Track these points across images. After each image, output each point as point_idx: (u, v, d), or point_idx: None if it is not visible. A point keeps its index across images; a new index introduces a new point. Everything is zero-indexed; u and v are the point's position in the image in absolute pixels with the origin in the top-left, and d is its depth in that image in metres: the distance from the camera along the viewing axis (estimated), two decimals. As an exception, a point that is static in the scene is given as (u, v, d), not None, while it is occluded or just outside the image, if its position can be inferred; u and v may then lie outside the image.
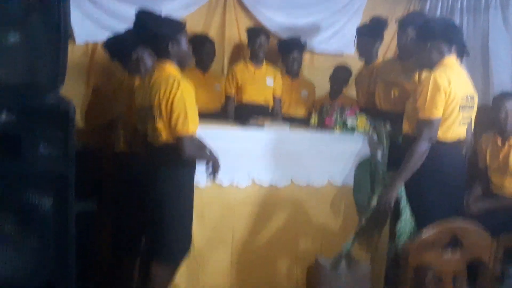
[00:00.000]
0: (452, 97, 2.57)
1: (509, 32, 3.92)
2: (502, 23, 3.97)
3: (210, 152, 2.50)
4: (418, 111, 2.62)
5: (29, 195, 1.82)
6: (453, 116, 2.62)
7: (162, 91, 2.23)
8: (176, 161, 2.29)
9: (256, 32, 3.80)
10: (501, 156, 3.24)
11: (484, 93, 3.88)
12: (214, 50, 3.77)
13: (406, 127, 2.79)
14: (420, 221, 2.62)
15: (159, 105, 2.24)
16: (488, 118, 3.32)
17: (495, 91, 3.88)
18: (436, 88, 2.53)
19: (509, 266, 3.41)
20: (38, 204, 1.82)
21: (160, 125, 2.27)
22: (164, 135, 2.28)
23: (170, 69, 2.33)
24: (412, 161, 2.60)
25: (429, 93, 2.54)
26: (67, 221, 1.89)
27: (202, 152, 2.48)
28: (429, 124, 2.58)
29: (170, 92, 2.21)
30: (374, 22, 3.62)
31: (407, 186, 2.69)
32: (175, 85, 2.22)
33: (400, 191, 2.70)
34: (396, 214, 2.73)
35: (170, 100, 2.21)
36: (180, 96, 2.21)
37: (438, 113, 2.57)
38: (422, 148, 2.59)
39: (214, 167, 2.48)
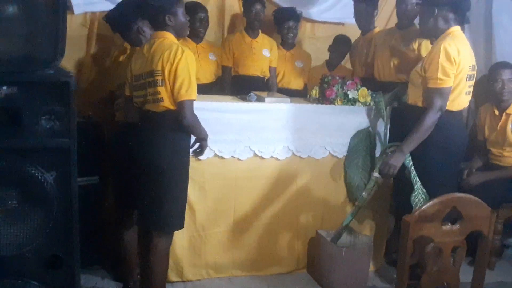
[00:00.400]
0: (461, 67, 2.57)
1: (513, -2, 3.87)
2: (506, -9, 3.91)
3: (205, 131, 2.49)
4: (427, 80, 2.61)
5: (32, 169, 1.82)
6: (460, 86, 2.63)
7: (165, 57, 2.24)
8: (175, 127, 2.31)
9: (252, 0, 3.72)
10: (498, 126, 3.25)
11: (486, 62, 3.86)
12: (207, 18, 3.64)
13: (412, 97, 2.78)
14: (426, 190, 2.65)
15: (163, 70, 2.25)
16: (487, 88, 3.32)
17: (498, 60, 3.86)
18: (448, 57, 2.53)
19: (508, 238, 3.46)
20: (41, 178, 1.82)
21: (162, 90, 2.28)
22: (165, 100, 2.29)
23: (171, 37, 2.35)
24: (422, 130, 2.61)
25: (440, 63, 2.54)
26: (71, 194, 1.90)
27: (199, 124, 2.46)
28: (440, 93, 2.58)
29: (175, 58, 2.23)
30: None
31: (414, 157, 2.70)
32: (179, 51, 2.24)
33: (408, 162, 2.71)
34: (406, 187, 2.73)
35: (174, 66, 2.23)
36: (185, 62, 2.24)
37: (449, 82, 2.57)
38: (433, 117, 2.59)
39: (202, 146, 2.50)
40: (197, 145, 2.50)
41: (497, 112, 3.26)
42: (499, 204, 3.02)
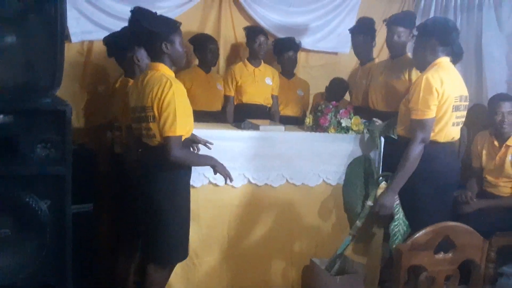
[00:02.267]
0: (445, 97, 2.58)
1: (502, 31, 3.95)
2: (495, 22, 4.00)
3: (209, 157, 2.48)
4: (411, 112, 2.63)
5: (27, 197, 1.83)
6: (446, 116, 2.63)
7: (155, 91, 2.20)
8: (170, 163, 2.27)
9: (256, 31, 3.82)
10: (497, 157, 3.26)
11: (477, 92, 3.92)
12: (218, 49, 3.79)
13: (400, 129, 2.81)
14: (414, 222, 2.64)
15: (152, 106, 2.22)
16: (481, 117, 3.35)
17: (489, 90, 3.92)
18: (429, 88, 2.55)
19: (502, 266, 3.45)
20: (36, 206, 1.83)
21: (154, 126, 2.25)
22: (157, 136, 2.26)
23: (164, 69, 2.31)
24: (407, 165, 2.61)
25: (421, 94, 2.55)
26: (64, 223, 1.90)
27: (195, 156, 2.46)
28: (422, 124, 2.60)
29: (162, 92, 2.19)
30: (361, 22, 3.66)
31: (402, 189, 2.69)
32: (168, 85, 2.20)
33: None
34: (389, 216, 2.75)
35: (161, 100, 2.19)
36: (172, 96, 2.19)
37: (431, 113, 2.58)
38: (416, 150, 2.60)
39: (217, 171, 2.46)
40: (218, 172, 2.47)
41: (496, 143, 3.28)
42: (492, 232, 3.02)
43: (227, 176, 2.48)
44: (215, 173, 2.49)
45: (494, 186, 3.30)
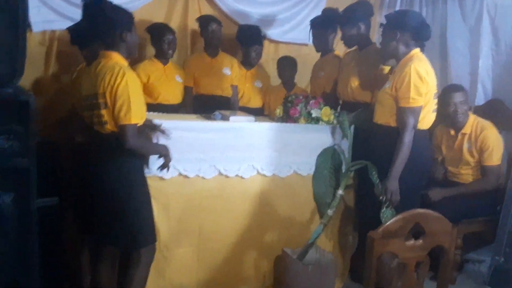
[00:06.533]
0: (430, 85, 2.68)
1: (466, 24, 4.04)
2: (460, 15, 4.09)
3: (163, 146, 2.47)
4: (399, 100, 2.69)
5: (-11, 191, 1.76)
6: (429, 104, 2.73)
7: (107, 79, 2.19)
8: (123, 150, 2.25)
9: (207, 19, 3.76)
10: (455, 146, 3.36)
11: (442, 84, 3.98)
12: (175, 40, 3.64)
13: (380, 117, 2.85)
14: (397, 208, 2.68)
15: (104, 93, 2.21)
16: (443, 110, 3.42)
17: (453, 82, 4.01)
18: (419, 77, 2.63)
19: (468, 252, 3.55)
20: (-2, 200, 1.76)
21: (105, 113, 2.23)
22: (109, 123, 2.25)
23: (117, 57, 2.30)
24: (404, 150, 2.67)
25: (412, 83, 2.63)
26: (29, 217, 1.84)
27: (150, 145, 2.45)
28: (413, 112, 2.67)
29: (115, 80, 2.18)
30: (326, 13, 3.66)
31: (381, 175, 2.75)
32: (121, 73, 2.19)
33: (376, 180, 2.76)
34: (371, 204, 2.79)
35: (114, 89, 2.18)
36: (125, 85, 2.18)
37: (421, 101, 2.67)
38: (409, 136, 2.67)
39: (165, 161, 2.47)
40: (160, 160, 2.47)
41: (453, 132, 3.37)
42: (459, 219, 3.10)
43: (167, 165, 2.48)
44: (164, 162, 2.48)
45: (456, 174, 3.39)
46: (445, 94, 3.29)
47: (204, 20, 3.76)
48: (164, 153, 2.46)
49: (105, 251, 2.52)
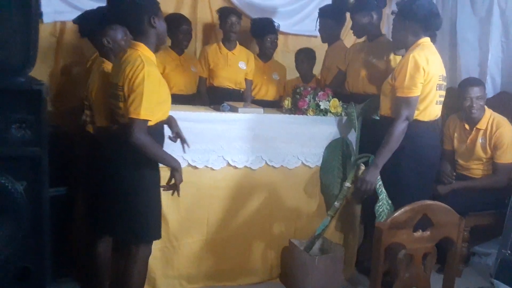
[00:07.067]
0: (430, 76, 2.62)
1: (476, 15, 4.01)
2: (470, 7, 4.06)
3: (174, 159, 2.35)
4: (396, 90, 2.66)
5: (2, 179, 1.78)
6: (431, 95, 2.67)
7: (127, 71, 2.14)
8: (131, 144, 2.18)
9: (227, 11, 3.74)
10: (468, 140, 3.33)
11: (451, 75, 3.99)
12: (191, 30, 3.66)
13: (384, 108, 2.84)
14: (398, 200, 2.64)
15: (123, 86, 2.16)
16: (454, 100, 3.40)
17: (462, 74, 4.00)
18: (416, 67, 2.58)
19: (475, 246, 3.55)
20: (11, 188, 1.79)
21: (123, 105, 2.19)
22: (125, 117, 2.19)
23: (143, 49, 2.22)
24: (391, 141, 2.64)
25: (408, 72, 2.58)
26: (41, 205, 1.87)
27: (159, 149, 2.30)
28: (407, 102, 2.63)
29: (134, 72, 2.12)
30: (336, 2, 3.63)
31: (386, 167, 2.72)
32: (140, 66, 2.12)
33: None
34: (374, 196, 2.78)
35: (131, 82, 2.12)
36: (142, 78, 2.11)
37: (417, 91, 2.62)
38: (400, 127, 2.63)
39: (175, 179, 2.36)
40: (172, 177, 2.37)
41: (467, 127, 3.33)
42: (466, 212, 3.09)
43: (177, 187, 2.39)
44: (171, 176, 2.38)
45: (466, 168, 3.38)
46: (462, 87, 3.26)
47: (224, 12, 3.73)
48: (173, 165, 2.33)
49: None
